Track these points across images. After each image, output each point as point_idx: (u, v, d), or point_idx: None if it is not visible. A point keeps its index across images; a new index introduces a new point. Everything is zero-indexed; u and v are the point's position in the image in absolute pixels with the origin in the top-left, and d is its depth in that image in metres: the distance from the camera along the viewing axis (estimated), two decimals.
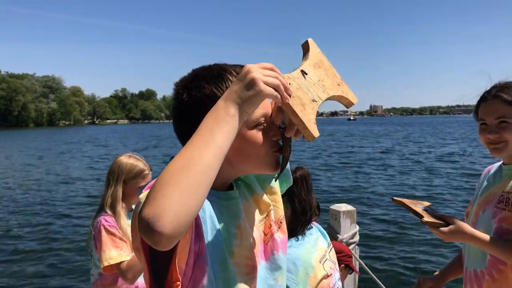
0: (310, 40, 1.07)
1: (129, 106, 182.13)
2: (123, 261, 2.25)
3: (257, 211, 1.19)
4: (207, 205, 1.02)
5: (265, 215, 1.20)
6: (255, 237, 1.13)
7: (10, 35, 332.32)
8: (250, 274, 1.08)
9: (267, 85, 0.86)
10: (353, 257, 3.19)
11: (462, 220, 1.79)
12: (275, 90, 0.87)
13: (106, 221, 2.35)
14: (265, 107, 1.02)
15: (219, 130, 0.83)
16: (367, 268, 3.79)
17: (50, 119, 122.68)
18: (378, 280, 3.76)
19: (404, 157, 21.53)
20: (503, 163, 1.83)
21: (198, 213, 0.95)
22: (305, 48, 1.07)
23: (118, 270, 2.26)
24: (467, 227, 1.67)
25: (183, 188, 0.76)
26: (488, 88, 1.79)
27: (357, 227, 3.74)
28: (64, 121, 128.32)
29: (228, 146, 0.84)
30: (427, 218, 1.68)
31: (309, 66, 1.02)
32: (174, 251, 0.85)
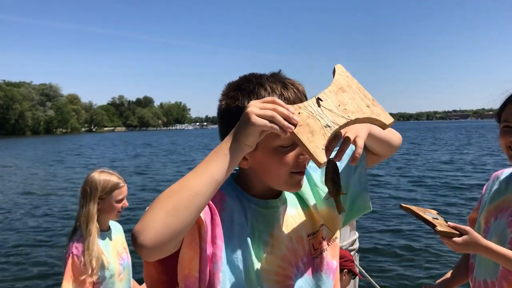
0: (337, 66, 1.09)
1: (127, 114, 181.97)
2: None
3: (306, 224, 1.21)
4: (238, 213, 1.09)
5: (316, 230, 1.22)
6: (295, 248, 1.16)
7: (7, 43, 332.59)
8: (281, 283, 1.11)
9: (261, 117, 0.91)
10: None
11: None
12: (271, 121, 0.91)
13: (76, 248, 2.33)
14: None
15: (215, 162, 0.93)
16: (367, 275, 3.81)
17: (47, 127, 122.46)
18: (378, 287, 3.78)
19: (404, 163, 21.58)
20: None
21: (219, 222, 1.05)
22: (333, 74, 1.08)
23: None
24: (481, 238, 1.59)
25: (169, 210, 0.87)
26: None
27: (357, 234, 3.76)
28: (61, 129, 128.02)
29: (224, 175, 0.93)
30: (440, 227, 1.59)
31: (329, 92, 1.04)
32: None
